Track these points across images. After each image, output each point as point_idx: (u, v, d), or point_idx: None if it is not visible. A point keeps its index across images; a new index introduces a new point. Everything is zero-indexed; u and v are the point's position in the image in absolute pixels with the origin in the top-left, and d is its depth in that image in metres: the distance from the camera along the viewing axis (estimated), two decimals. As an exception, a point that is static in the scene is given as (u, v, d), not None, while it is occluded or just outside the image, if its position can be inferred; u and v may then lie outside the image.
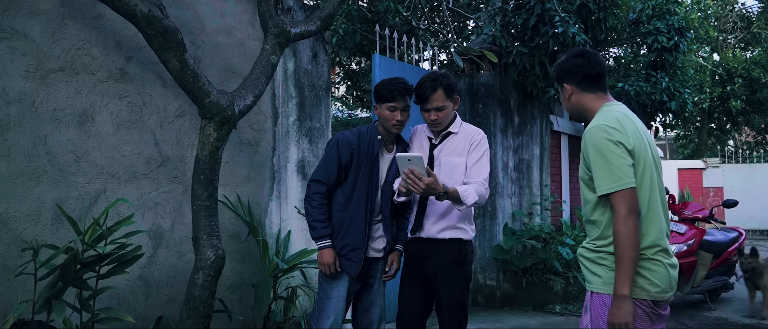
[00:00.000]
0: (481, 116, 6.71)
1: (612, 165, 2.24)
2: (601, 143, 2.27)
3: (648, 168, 2.31)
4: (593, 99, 2.46)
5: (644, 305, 2.27)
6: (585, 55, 2.47)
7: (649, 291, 2.27)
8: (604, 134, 2.28)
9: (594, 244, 2.38)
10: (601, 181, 2.27)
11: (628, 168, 2.24)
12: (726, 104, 17.01)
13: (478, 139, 3.20)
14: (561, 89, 2.55)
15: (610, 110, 2.39)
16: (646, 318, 2.28)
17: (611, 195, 2.24)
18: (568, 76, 2.49)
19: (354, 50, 9.16)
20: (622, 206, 2.21)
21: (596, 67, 2.44)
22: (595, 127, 2.33)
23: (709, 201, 16.54)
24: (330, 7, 3.87)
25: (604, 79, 2.48)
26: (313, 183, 3.20)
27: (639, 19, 8.30)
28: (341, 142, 3.18)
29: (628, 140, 2.27)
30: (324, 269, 3.14)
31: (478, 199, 3.05)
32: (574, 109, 2.53)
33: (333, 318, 3.15)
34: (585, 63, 2.45)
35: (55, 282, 2.77)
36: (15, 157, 3.06)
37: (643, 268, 2.27)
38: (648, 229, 2.29)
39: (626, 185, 2.22)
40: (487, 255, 6.64)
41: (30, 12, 3.14)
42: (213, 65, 3.98)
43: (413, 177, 2.90)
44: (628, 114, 2.40)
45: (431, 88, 3.11)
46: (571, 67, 2.47)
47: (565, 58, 2.52)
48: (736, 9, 18.72)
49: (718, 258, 6.51)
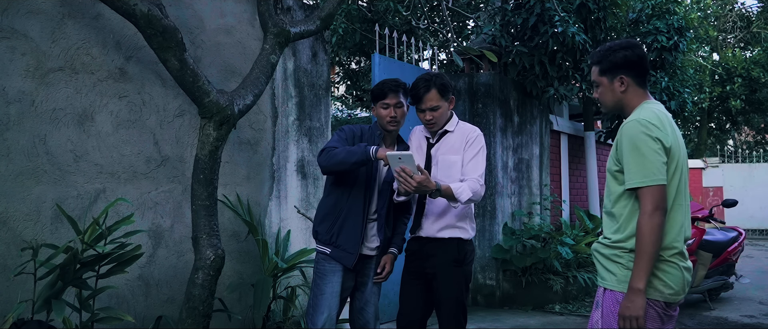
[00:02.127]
0: (480, 116, 6.71)
1: (646, 159, 2.23)
2: (639, 137, 2.26)
3: (679, 170, 2.31)
4: (641, 95, 2.42)
5: (657, 306, 2.27)
6: (638, 48, 2.41)
7: (663, 292, 2.27)
8: (643, 129, 2.26)
9: (609, 239, 2.37)
10: (632, 174, 2.26)
11: (662, 165, 2.24)
12: (725, 103, 17.01)
13: (473, 136, 3.20)
14: (611, 80, 2.43)
15: (652, 107, 2.37)
16: (657, 319, 2.29)
17: (640, 189, 2.23)
18: (627, 68, 2.40)
19: (354, 50, 9.16)
20: (650, 202, 2.20)
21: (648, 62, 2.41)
22: (634, 120, 2.30)
23: (708, 201, 16.54)
24: (330, 6, 3.87)
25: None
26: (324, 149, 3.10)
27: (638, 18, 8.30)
28: (346, 128, 3.25)
29: (666, 138, 2.27)
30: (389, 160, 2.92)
31: (472, 196, 3.05)
32: (619, 103, 2.46)
33: (326, 314, 3.15)
34: (643, 56, 2.40)
35: (55, 282, 2.77)
36: (15, 156, 3.06)
37: (659, 269, 2.26)
38: (668, 230, 2.28)
39: (657, 182, 2.21)
40: (486, 255, 6.64)
41: (30, 11, 3.14)
42: (213, 65, 3.98)
43: (405, 176, 2.90)
44: (668, 114, 2.39)
45: (425, 88, 3.13)
46: (633, 58, 2.39)
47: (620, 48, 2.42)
48: (735, 9, 18.72)
49: (717, 258, 6.52)
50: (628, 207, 2.31)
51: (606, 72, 2.45)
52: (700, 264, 6.32)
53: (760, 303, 6.82)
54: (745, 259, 10.02)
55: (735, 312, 6.39)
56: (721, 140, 21.65)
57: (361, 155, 2.97)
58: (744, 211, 14.45)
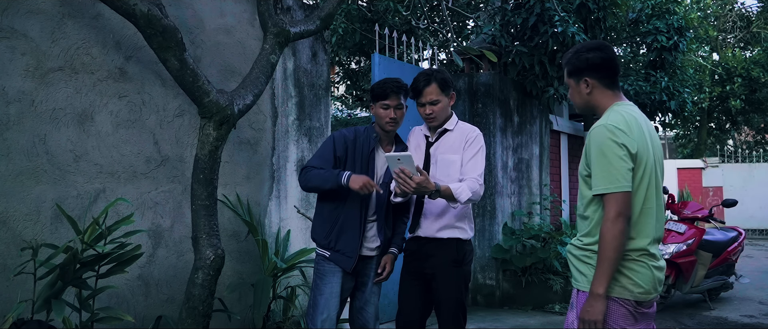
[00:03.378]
0: (480, 116, 6.71)
1: (611, 166, 2.24)
2: (605, 143, 2.27)
3: (647, 174, 2.31)
4: (610, 96, 2.43)
5: (628, 305, 2.30)
6: (605, 49, 2.41)
7: (632, 291, 2.29)
8: (610, 134, 2.27)
9: (581, 241, 2.40)
10: (598, 180, 2.28)
11: (627, 172, 2.24)
12: (725, 103, 17.02)
13: (473, 136, 3.20)
14: (577, 82, 2.46)
15: (620, 110, 2.36)
16: (630, 317, 2.31)
17: (604, 196, 2.25)
18: (591, 70, 2.41)
19: (353, 50, 9.16)
20: (613, 208, 2.22)
21: (617, 63, 2.42)
22: (601, 126, 2.31)
23: (708, 201, 16.54)
24: (329, 6, 3.87)
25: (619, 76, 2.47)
26: (305, 168, 3.20)
27: (638, 18, 8.30)
28: (337, 136, 3.24)
29: (632, 143, 2.26)
30: (365, 189, 2.99)
31: (472, 195, 3.05)
32: (588, 104, 2.48)
33: (326, 315, 3.15)
34: (608, 58, 2.40)
35: (55, 282, 2.77)
36: (14, 156, 3.06)
37: (628, 269, 2.29)
38: (638, 233, 2.31)
39: (620, 189, 2.23)
40: (486, 255, 6.64)
41: (29, 11, 3.14)
42: (212, 65, 3.98)
43: (404, 176, 2.90)
44: (637, 116, 2.38)
45: (425, 82, 3.14)
46: (596, 60, 2.39)
47: (585, 50, 2.43)
48: (735, 8, 18.71)
49: (717, 258, 6.52)
50: (598, 212, 2.33)
51: (572, 74, 2.48)
52: (700, 263, 6.32)
53: (760, 303, 6.82)
54: (745, 259, 10.02)
55: (735, 312, 6.39)
56: (721, 140, 21.64)
57: (333, 183, 3.07)
58: (744, 211, 14.45)
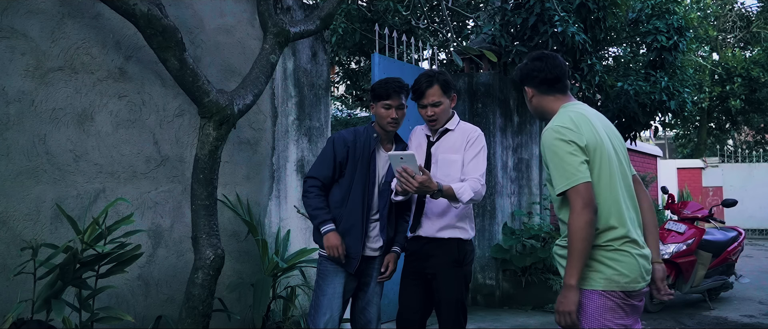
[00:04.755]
0: (480, 116, 6.71)
1: (564, 163, 2.30)
2: (554, 144, 2.34)
3: (606, 163, 2.35)
4: (552, 101, 2.54)
5: (616, 297, 2.30)
6: (543, 59, 2.54)
7: (619, 281, 2.29)
8: (557, 135, 2.35)
9: (563, 241, 2.43)
10: (556, 180, 2.33)
11: (581, 165, 2.29)
12: (725, 103, 17.02)
13: (474, 136, 3.20)
14: (523, 91, 2.63)
15: (567, 111, 2.46)
16: (618, 309, 2.30)
17: (570, 191, 2.28)
18: (528, 80, 2.57)
19: (353, 50, 9.16)
20: (577, 201, 2.26)
21: (554, 71, 2.51)
22: (548, 129, 2.41)
23: (708, 201, 16.55)
24: (329, 6, 3.87)
25: (564, 81, 2.54)
26: (308, 179, 3.24)
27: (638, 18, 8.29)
28: (337, 139, 3.22)
29: (580, 138, 2.33)
30: (332, 252, 3.12)
31: (474, 196, 3.05)
32: (536, 111, 2.62)
33: (328, 315, 3.15)
34: (543, 67, 2.52)
35: (55, 282, 2.77)
36: (14, 156, 3.06)
37: (611, 259, 2.30)
38: (617, 221, 2.32)
39: (579, 181, 2.27)
40: (486, 255, 6.64)
41: (29, 11, 3.14)
42: (212, 65, 3.98)
43: (406, 176, 2.90)
44: (585, 113, 2.46)
45: (427, 83, 3.14)
46: (530, 71, 2.55)
47: (526, 62, 2.60)
48: (735, 8, 18.72)
49: (717, 258, 6.52)
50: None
51: (519, 84, 2.66)
52: (700, 263, 6.32)
53: (759, 303, 6.83)
54: (745, 259, 10.03)
55: (735, 311, 6.39)
56: (721, 140, 21.65)
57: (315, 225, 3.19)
58: (744, 211, 14.46)
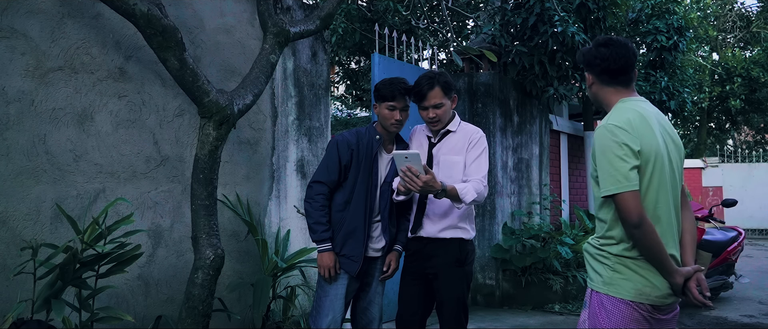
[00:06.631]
0: (480, 116, 6.70)
1: (612, 167, 2.18)
2: (606, 144, 2.21)
3: (657, 172, 2.23)
4: (612, 93, 2.36)
5: (643, 309, 2.23)
6: (610, 46, 2.33)
7: (649, 295, 2.23)
8: (610, 135, 2.21)
9: (598, 241, 2.35)
10: (603, 182, 2.22)
11: (630, 172, 2.16)
12: (725, 103, 17.03)
13: (476, 137, 3.20)
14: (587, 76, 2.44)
15: (625, 108, 2.29)
16: (643, 322, 2.24)
17: (615, 197, 2.18)
18: (590, 66, 2.38)
19: (353, 49, 9.17)
20: (628, 213, 2.15)
21: (619, 61, 2.31)
22: (602, 126, 2.26)
23: (708, 200, 16.54)
24: (329, 6, 3.87)
25: (628, 73, 2.34)
26: (315, 184, 3.19)
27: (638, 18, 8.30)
28: (341, 142, 3.19)
29: (635, 141, 2.19)
30: (324, 272, 3.14)
31: (476, 197, 3.05)
32: (594, 99, 2.45)
33: (331, 317, 3.14)
34: (608, 55, 2.31)
35: (55, 281, 2.77)
36: (14, 156, 3.06)
37: (645, 270, 2.22)
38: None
39: (626, 189, 2.15)
40: (486, 255, 6.64)
41: (29, 11, 3.14)
42: (212, 64, 3.98)
43: (410, 175, 2.89)
44: (645, 113, 2.29)
45: (428, 85, 3.12)
46: (593, 57, 2.35)
47: (591, 46, 2.39)
48: (735, 8, 18.72)
49: (717, 258, 6.52)
50: (611, 213, 2.27)
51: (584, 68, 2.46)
52: (700, 263, 6.32)
53: (759, 303, 6.83)
54: (745, 259, 10.02)
55: (735, 311, 6.39)
56: (721, 140, 21.66)
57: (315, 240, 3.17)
58: (744, 211, 14.47)
